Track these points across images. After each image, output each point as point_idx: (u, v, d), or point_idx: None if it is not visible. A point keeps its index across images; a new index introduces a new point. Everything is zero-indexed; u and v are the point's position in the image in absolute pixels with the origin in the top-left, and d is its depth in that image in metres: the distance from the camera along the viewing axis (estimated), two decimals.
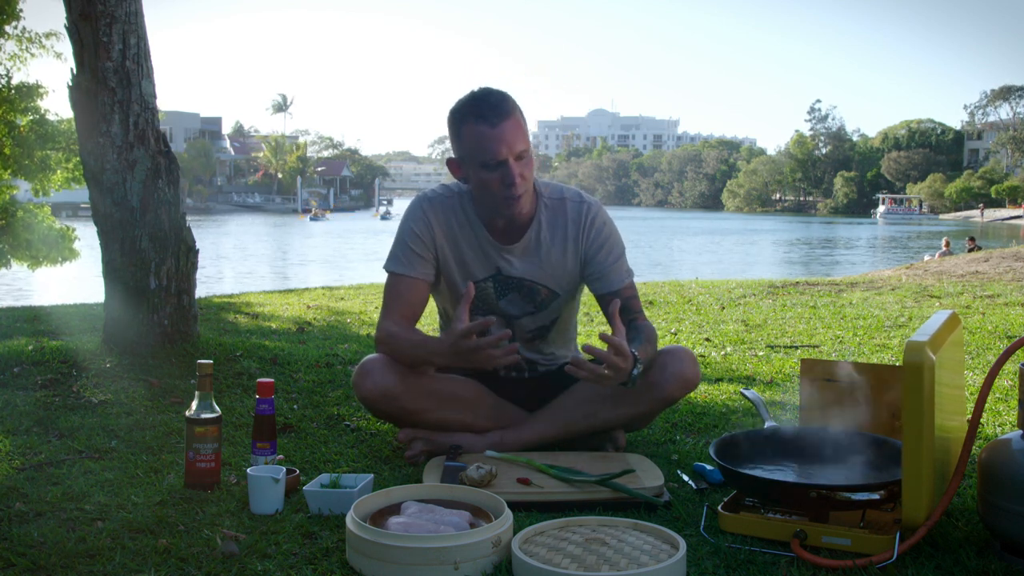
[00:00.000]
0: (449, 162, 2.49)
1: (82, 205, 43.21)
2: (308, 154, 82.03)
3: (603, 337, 2.15)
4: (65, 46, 10.33)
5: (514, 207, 2.38)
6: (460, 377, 2.56)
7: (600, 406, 2.48)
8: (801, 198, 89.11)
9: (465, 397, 2.53)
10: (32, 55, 10.41)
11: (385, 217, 59.78)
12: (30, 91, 10.45)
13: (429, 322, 4.72)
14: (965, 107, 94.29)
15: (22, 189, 11.49)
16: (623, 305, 2.46)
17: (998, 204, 65.46)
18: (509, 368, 2.65)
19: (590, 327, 5.49)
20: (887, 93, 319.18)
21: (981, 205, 65.10)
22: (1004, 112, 77.33)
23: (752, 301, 6.83)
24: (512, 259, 2.52)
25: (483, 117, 2.31)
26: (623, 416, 2.50)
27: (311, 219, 57.08)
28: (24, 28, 10.30)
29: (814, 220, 71.61)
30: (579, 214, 2.52)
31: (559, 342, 2.70)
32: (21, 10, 10.19)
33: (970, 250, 15.90)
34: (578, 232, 2.51)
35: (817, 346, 4.62)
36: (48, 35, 10.40)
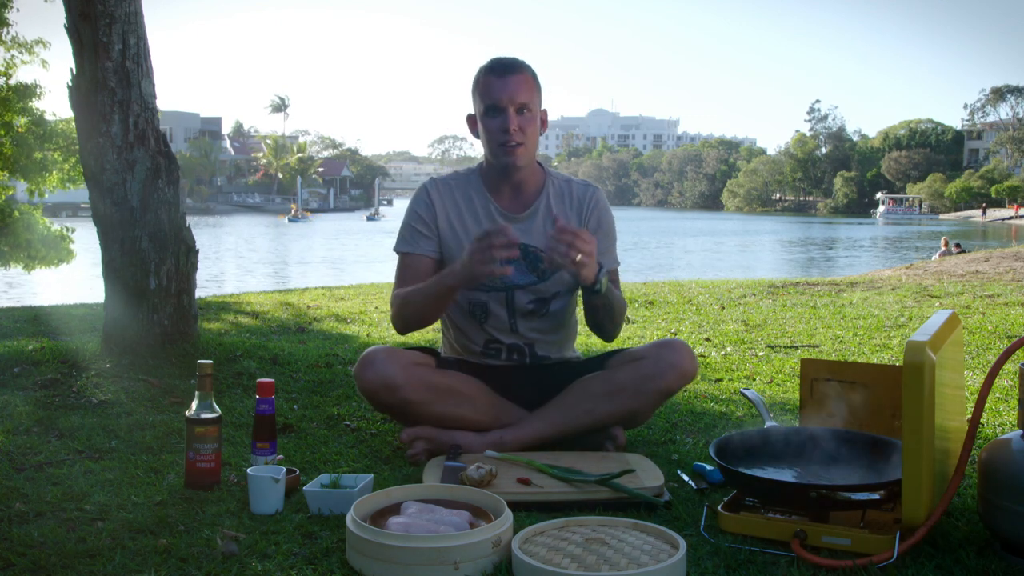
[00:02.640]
0: (468, 118, 2.66)
1: (82, 205, 43.21)
2: (308, 154, 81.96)
3: (560, 226, 2.26)
4: (52, 54, 10.34)
5: (510, 155, 2.53)
6: (461, 373, 2.59)
7: (599, 402, 2.51)
8: (801, 198, 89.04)
9: (465, 392, 2.54)
10: (23, 62, 10.39)
11: (372, 218, 58.86)
12: (27, 91, 10.43)
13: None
14: (965, 107, 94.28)
15: (18, 190, 11.49)
16: None
17: (998, 204, 65.44)
18: (510, 352, 2.67)
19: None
20: (887, 93, 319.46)
21: (983, 205, 65.03)
22: (1004, 112, 77.42)
23: (752, 301, 6.83)
24: (521, 226, 2.62)
25: (493, 70, 2.55)
26: (622, 411, 2.52)
27: (290, 220, 54.68)
28: (15, 35, 10.29)
29: (814, 220, 71.60)
30: (584, 195, 2.71)
31: (558, 328, 2.70)
32: (18, 10, 10.19)
33: (955, 253, 15.80)
34: (582, 209, 2.68)
35: (817, 346, 4.61)
36: (36, 42, 10.38)
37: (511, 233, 2.27)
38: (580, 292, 2.71)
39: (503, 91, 2.50)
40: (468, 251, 2.34)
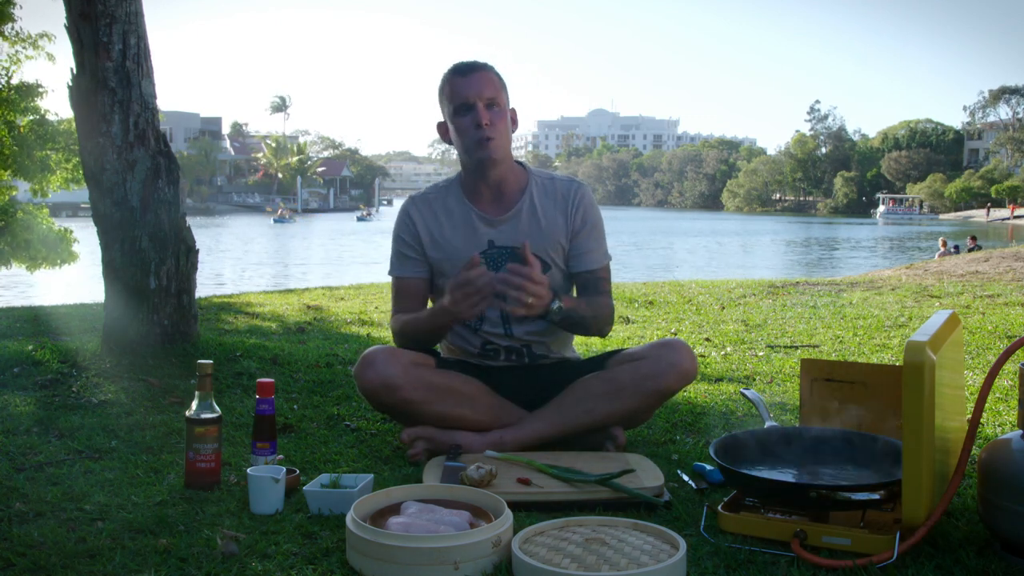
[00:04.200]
0: (439, 127, 2.67)
1: (82, 205, 43.14)
2: (308, 154, 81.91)
3: (513, 268, 2.32)
4: (57, 47, 10.32)
5: (486, 148, 2.53)
6: (460, 373, 2.59)
7: (598, 401, 2.51)
8: (801, 198, 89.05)
9: (465, 392, 2.55)
10: (28, 56, 10.38)
11: (363, 219, 58.07)
12: (30, 91, 10.43)
13: None
14: (965, 108, 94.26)
15: (20, 190, 11.48)
16: (593, 284, 2.65)
17: (998, 204, 65.48)
18: (508, 353, 2.67)
19: None
20: (887, 93, 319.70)
21: (988, 205, 65.02)
22: (1004, 112, 77.42)
23: (752, 301, 6.83)
24: (504, 228, 2.63)
25: (457, 71, 2.57)
26: (622, 410, 2.52)
27: (275, 221, 53.08)
28: (19, 30, 10.28)
29: (814, 220, 71.58)
30: (569, 191, 2.68)
31: (555, 330, 2.71)
32: (21, 7, 10.19)
33: (970, 249, 15.92)
34: (567, 206, 2.66)
35: (817, 346, 4.61)
36: (41, 35, 10.37)
37: (483, 275, 2.29)
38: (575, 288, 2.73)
39: (470, 88, 2.52)
40: (449, 296, 2.35)
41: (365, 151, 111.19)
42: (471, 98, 2.52)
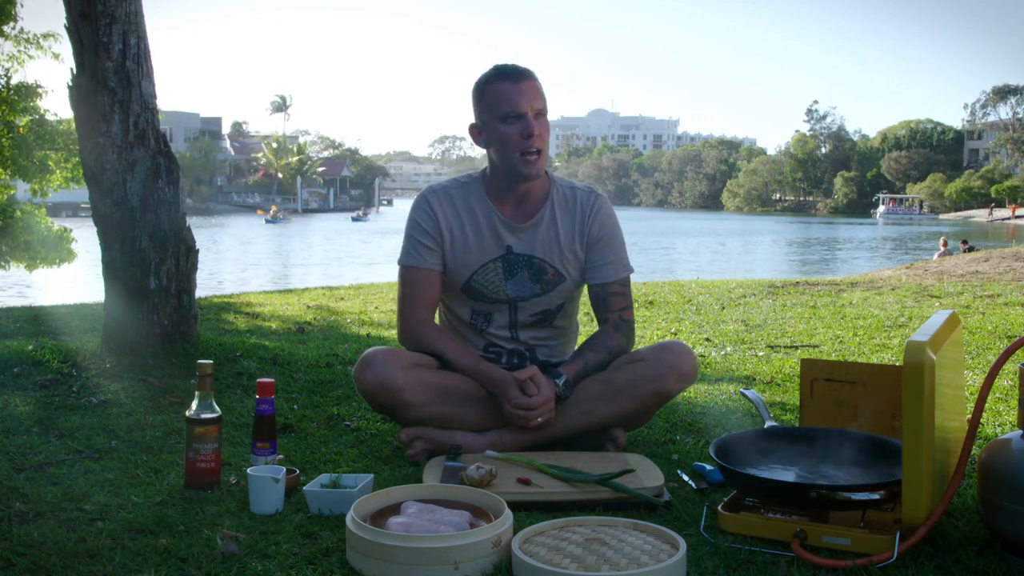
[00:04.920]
0: (471, 128, 2.59)
1: (82, 205, 43.15)
2: (308, 154, 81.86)
3: (517, 403, 2.42)
4: (63, 46, 10.32)
5: (532, 164, 2.48)
6: (461, 374, 2.58)
7: (597, 403, 2.50)
8: (801, 198, 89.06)
9: (465, 392, 2.54)
10: (30, 56, 10.39)
11: (358, 219, 57.47)
12: (29, 91, 10.44)
13: None
14: (965, 107, 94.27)
15: (20, 189, 11.49)
16: (603, 299, 2.62)
17: (999, 204, 65.53)
18: (511, 356, 2.67)
19: (591, 327, 5.49)
20: (887, 93, 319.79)
21: (992, 205, 65.06)
22: (1004, 112, 77.44)
23: (752, 301, 6.83)
24: (524, 236, 2.60)
25: (506, 75, 2.49)
26: (621, 412, 2.51)
27: (267, 221, 52.52)
28: (22, 29, 10.30)
29: (814, 220, 71.58)
30: (588, 202, 2.65)
31: (560, 335, 2.71)
32: (22, 6, 10.20)
33: (966, 251, 15.94)
34: (584, 218, 2.63)
35: (817, 346, 4.61)
36: (46, 36, 10.38)
37: (548, 403, 2.42)
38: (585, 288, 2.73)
39: (521, 96, 2.45)
40: (508, 407, 2.42)
41: (365, 151, 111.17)
42: (522, 107, 2.45)
